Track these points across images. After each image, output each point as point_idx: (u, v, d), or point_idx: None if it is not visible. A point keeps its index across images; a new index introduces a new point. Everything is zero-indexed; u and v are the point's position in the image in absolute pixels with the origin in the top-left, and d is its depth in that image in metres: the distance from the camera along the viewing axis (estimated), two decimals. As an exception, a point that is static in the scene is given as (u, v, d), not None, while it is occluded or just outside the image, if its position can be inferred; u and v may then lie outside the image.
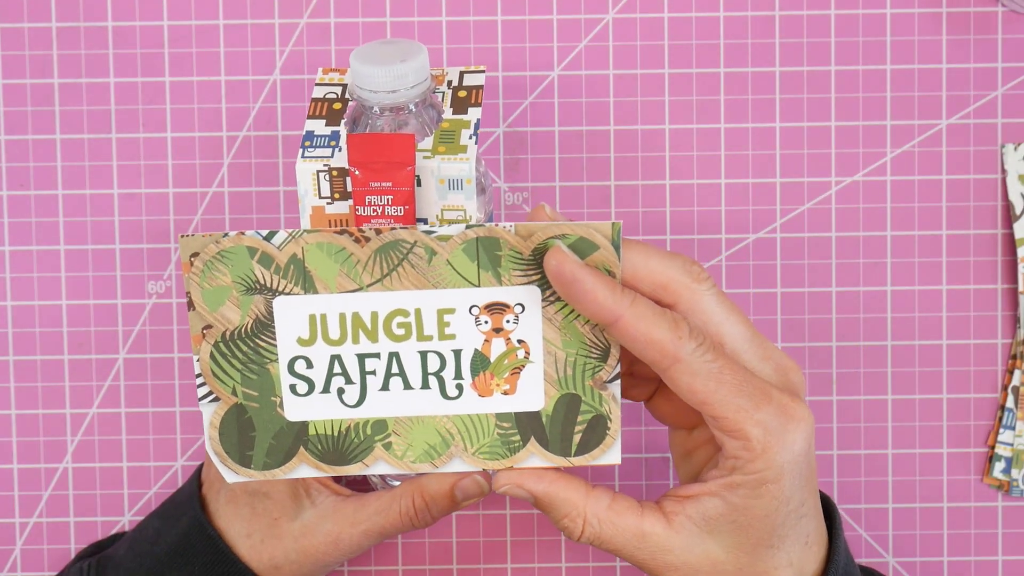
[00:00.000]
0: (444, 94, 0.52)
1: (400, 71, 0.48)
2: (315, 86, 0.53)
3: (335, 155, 0.50)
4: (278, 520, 0.53)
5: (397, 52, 0.49)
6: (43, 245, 0.60)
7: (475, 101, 0.52)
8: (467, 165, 0.49)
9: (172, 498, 0.57)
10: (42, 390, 0.60)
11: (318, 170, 0.50)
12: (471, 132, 0.50)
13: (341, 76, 0.53)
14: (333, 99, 0.52)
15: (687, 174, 0.60)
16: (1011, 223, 0.60)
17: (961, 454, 0.60)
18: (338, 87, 0.53)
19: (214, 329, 0.46)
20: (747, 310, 0.60)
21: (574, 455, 0.47)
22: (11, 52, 0.60)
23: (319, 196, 0.50)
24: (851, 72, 0.60)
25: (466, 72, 0.54)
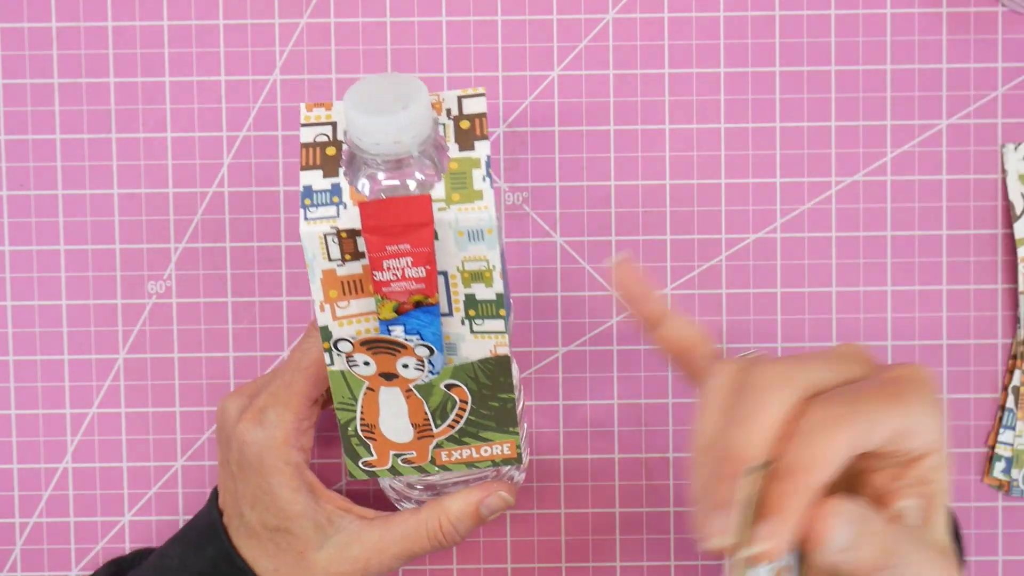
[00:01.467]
0: (446, 126, 0.48)
1: (402, 121, 0.44)
2: (302, 127, 0.48)
3: (340, 213, 0.46)
4: (304, 553, 0.53)
5: (395, 96, 0.45)
6: (43, 245, 0.60)
7: (481, 133, 0.47)
8: (487, 214, 0.45)
9: (193, 524, 0.56)
10: (42, 390, 0.60)
11: (325, 233, 0.46)
12: (483, 172, 0.46)
13: (327, 112, 0.48)
14: (325, 142, 0.47)
15: (687, 174, 0.60)
16: (1011, 223, 0.60)
17: (961, 454, 0.60)
18: (327, 126, 0.48)
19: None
20: (747, 310, 0.60)
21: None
22: (11, 52, 0.60)
23: (328, 259, 0.46)
24: (851, 72, 0.60)
25: (464, 97, 0.49)
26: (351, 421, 0.50)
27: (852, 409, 0.42)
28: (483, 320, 0.48)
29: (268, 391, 0.53)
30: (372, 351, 0.47)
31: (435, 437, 0.50)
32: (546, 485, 0.60)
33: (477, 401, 0.49)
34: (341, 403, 0.49)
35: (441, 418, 0.50)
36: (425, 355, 0.47)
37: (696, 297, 0.60)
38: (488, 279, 0.47)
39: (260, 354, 0.60)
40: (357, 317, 0.47)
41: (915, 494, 0.44)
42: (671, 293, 0.60)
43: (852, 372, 0.45)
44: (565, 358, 0.60)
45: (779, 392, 0.42)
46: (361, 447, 0.51)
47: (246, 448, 0.52)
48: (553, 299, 0.60)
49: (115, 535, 0.61)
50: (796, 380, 0.43)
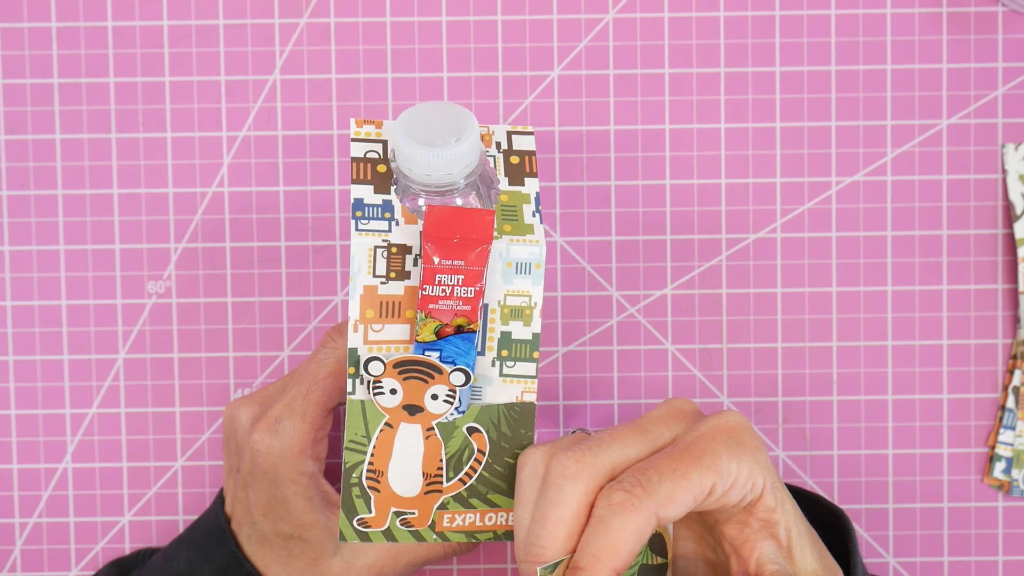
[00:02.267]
0: (495, 158, 0.48)
1: (453, 154, 0.44)
2: (352, 142, 0.48)
3: (392, 229, 0.45)
4: (317, 560, 0.52)
5: (448, 127, 0.45)
6: (43, 245, 0.60)
7: (531, 171, 0.48)
8: (538, 248, 0.46)
9: (199, 527, 0.56)
10: (42, 390, 0.60)
11: (376, 245, 0.45)
12: (533, 208, 0.47)
13: (378, 130, 0.49)
14: (376, 159, 0.48)
15: (687, 174, 0.60)
16: (1011, 223, 0.60)
17: (961, 454, 0.60)
18: (377, 144, 0.48)
19: None
20: (747, 310, 0.60)
21: None
22: (11, 52, 0.60)
23: (373, 275, 0.46)
24: (851, 72, 0.60)
25: (514, 133, 0.49)
26: (358, 466, 0.48)
27: (640, 491, 0.43)
28: (515, 363, 0.47)
29: (283, 401, 0.52)
30: (404, 375, 0.47)
31: (443, 493, 0.49)
32: (546, 485, 0.60)
33: (494, 455, 0.48)
34: (352, 442, 0.48)
35: (455, 469, 0.48)
36: (460, 383, 0.46)
37: (696, 297, 0.60)
38: (528, 317, 0.47)
39: (260, 354, 0.60)
40: (388, 344, 0.47)
41: (765, 536, 0.46)
42: (671, 293, 0.60)
43: (660, 438, 0.46)
44: (565, 358, 0.60)
45: (572, 484, 0.44)
46: (361, 500, 0.49)
47: (260, 457, 0.52)
48: (553, 299, 0.60)
49: (115, 535, 0.61)
50: (590, 468, 0.44)
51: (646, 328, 0.60)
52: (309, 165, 0.60)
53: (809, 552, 0.46)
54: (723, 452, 0.44)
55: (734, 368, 0.60)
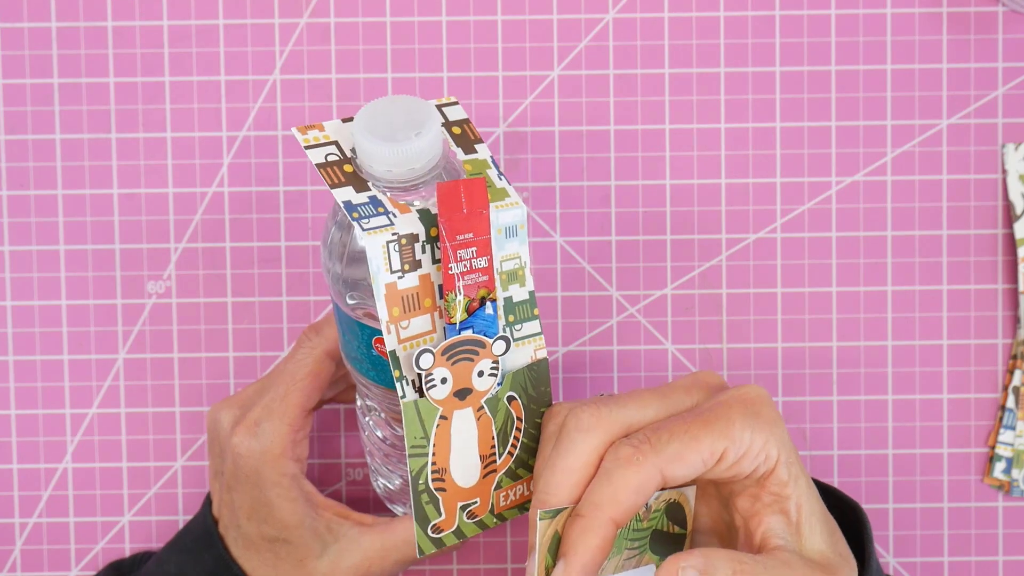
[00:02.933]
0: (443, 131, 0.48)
1: (417, 148, 0.44)
2: (306, 150, 0.47)
3: (393, 221, 0.45)
4: (303, 561, 0.52)
5: (407, 122, 0.45)
6: (43, 245, 0.60)
7: (475, 137, 0.48)
8: (520, 210, 0.46)
9: (188, 530, 0.56)
10: (42, 390, 0.60)
11: (388, 241, 0.45)
12: (496, 172, 0.47)
13: (323, 133, 0.47)
14: (338, 160, 0.47)
15: (687, 174, 0.60)
16: (1011, 223, 0.60)
17: (961, 454, 0.60)
18: (330, 145, 0.47)
19: None
20: (747, 310, 0.60)
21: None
22: (11, 52, 0.60)
23: (391, 271, 0.45)
24: (851, 72, 0.60)
25: (441, 106, 0.49)
26: (423, 470, 0.48)
27: (647, 448, 0.44)
28: (521, 324, 0.48)
29: (262, 403, 0.52)
30: (452, 360, 0.46)
31: (498, 471, 0.49)
32: (546, 485, 0.60)
33: (528, 419, 0.49)
34: (414, 447, 0.47)
35: (503, 444, 0.49)
36: (501, 352, 0.47)
37: (696, 297, 0.60)
38: (521, 277, 0.47)
39: (260, 354, 0.60)
40: (417, 339, 0.46)
41: (775, 511, 0.46)
42: (671, 293, 0.60)
43: (680, 404, 0.47)
44: (565, 358, 0.60)
45: (584, 436, 0.45)
46: (431, 506, 0.49)
47: (241, 461, 0.52)
48: (553, 299, 0.60)
49: (115, 535, 0.61)
50: (604, 423, 0.45)
51: (646, 328, 0.60)
52: (309, 165, 0.60)
53: (819, 532, 0.46)
54: (737, 420, 0.45)
55: (734, 368, 0.60)
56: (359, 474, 0.61)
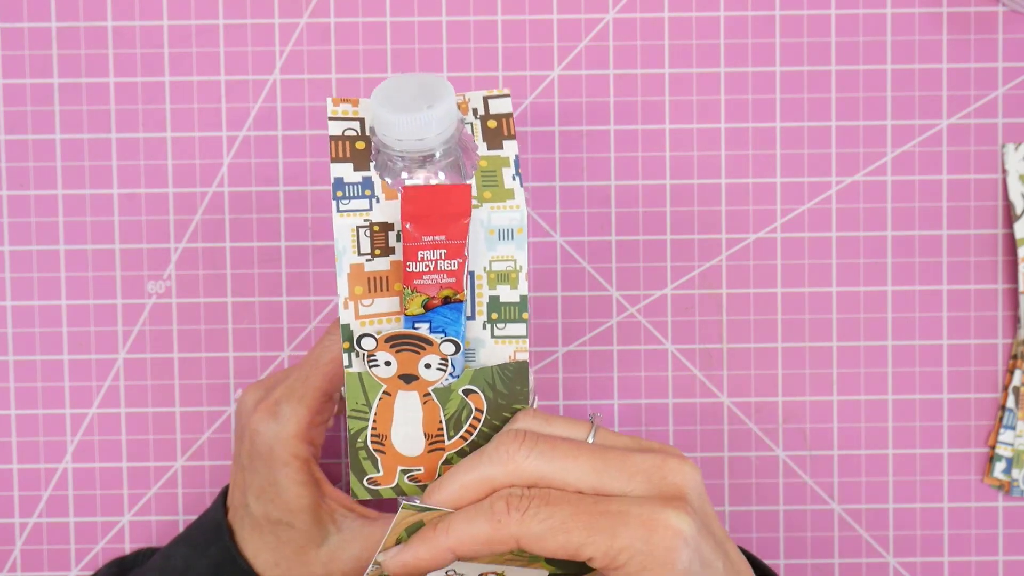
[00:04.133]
0: (472, 124, 0.48)
1: (427, 118, 0.45)
2: (329, 121, 0.48)
3: (373, 207, 0.46)
4: (304, 548, 0.53)
5: (422, 94, 0.45)
6: (43, 245, 0.60)
7: (508, 133, 0.48)
8: (519, 213, 0.46)
9: (199, 523, 0.56)
10: (42, 390, 0.60)
11: (358, 225, 0.46)
12: (513, 172, 0.47)
13: (355, 108, 0.49)
14: (354, 136, 0.48)
15: (687, 174, 0.60)
16: (1011, 223, 0.60)
17: (962, 454, 0.60)
18: (355, 121, 0.48)
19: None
20: (747, 310, 0.60)
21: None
22: (11, 52, 0.60)
23: (358, 253, 0.46)
24: (851, 72, 0.60)
25: (490, 97, 0.49)
26: (362, 431, 0.49)
27: (517, 517, 0.43)
28: (505, 324, 0.48)
29: (285, 384, 0.53)
30: (396, 348, 0.47)
31: (446, 450, 0.50)
32: (546, 485, 0.60)
33: (492, 411, 0.49)
34: (354, 410, 0.49)
35: (455, 428, 0.49)
36: (450, 352, 0.47)
37: (696, 297, 0.60)
38: (514, 280, 0.47)
39: (260, 354, 0.60)
40: (380, 317, 0.47)
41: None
42: (671, 293, 0.60)
43: (612, 484, 0.45)
44: (565, 358, 0.60)
45: (491, 465, 0.45)
46: (368, 462, 0.50)
47: (257, 438, 0.52)
48: (553, 299, 0.60)
49: (115, 535, 0.61)
50: (517, 464, 0.45)
51: (646, 328, 0.60)
52: (309, 165, 0.60)
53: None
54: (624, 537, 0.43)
55: (734, 368, 0.60)
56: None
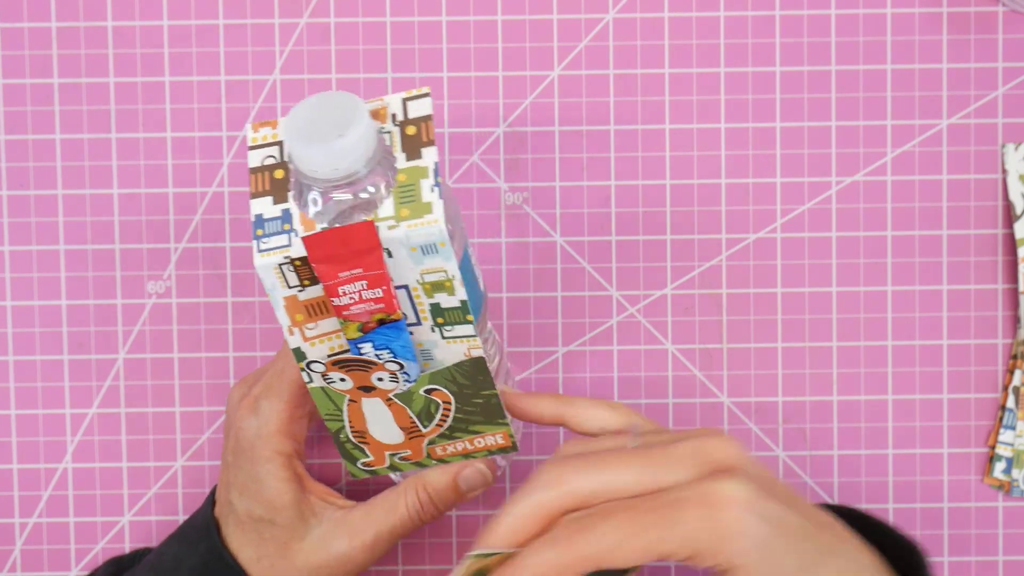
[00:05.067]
0: (391, 134, 0.46)
1: (338, 149, 0.43)
2: (249, 151, 0.46)
3: (292, 241, 0.44)
4: (287, 543, 0.53)
5: (334, 119, 0.43)
6: (43, 245, 0.60)
7: (427, 139, 0.45)
8: (436, 228, 0.44)
9: (191, 521, 0.56)
10: (42, 390, 0.60)
11: (279, 263, 0.44)
12: (431, 182, 0.45)
13: (274, 131, 0.47)
14: (273, 164, 0.46)
15: (687, 174, 0.60)
16: (1011, 223, 0.60)
17: (962, 454, 0.60)
18: (274, 147, 0.46)
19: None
20: (747, 310, 0.60)
21: None
22: (11, 52, 0.60)
23: (287, 287, 0.45)
24: (851, 72, 0.60)
25: (409, 99, 0.47)
26: (341, 430, 0.50)
27: (584, 536, 0.42)
28: (452, 326, 0.47)
29: (262, 381, 0.53)
30: (345, 369, 0.47)
31: (425, 436, 0.50)
32: (546, 485, 0.60)
33: (460, 400, 0.49)
34: (328, 415, 0.49)
35: (427, 419, 0.50)
36: (396, 369, 0.47)
37: (696, 297, 0.60)
38: (450, 288, 0.46)
39: (260, 354, 0.60)
40: (328, 335, 0.47)
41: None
42: (671, 293, 0.60)
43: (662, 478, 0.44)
44: (565, 358, 0.60)
45: (542, 493, 0.44)
46: (357, 450, 0.51)
47: (241, 435, 0.52)
48: (553, 299, 0.60)
49: (115, 535, 0.61)
50: (567, 485, 0.44)
51: (646, 328, 0.60)
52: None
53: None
54: (692, 524, 0.42)
55: (734, 368, 0.60)
56: (359, 474, 0.61)
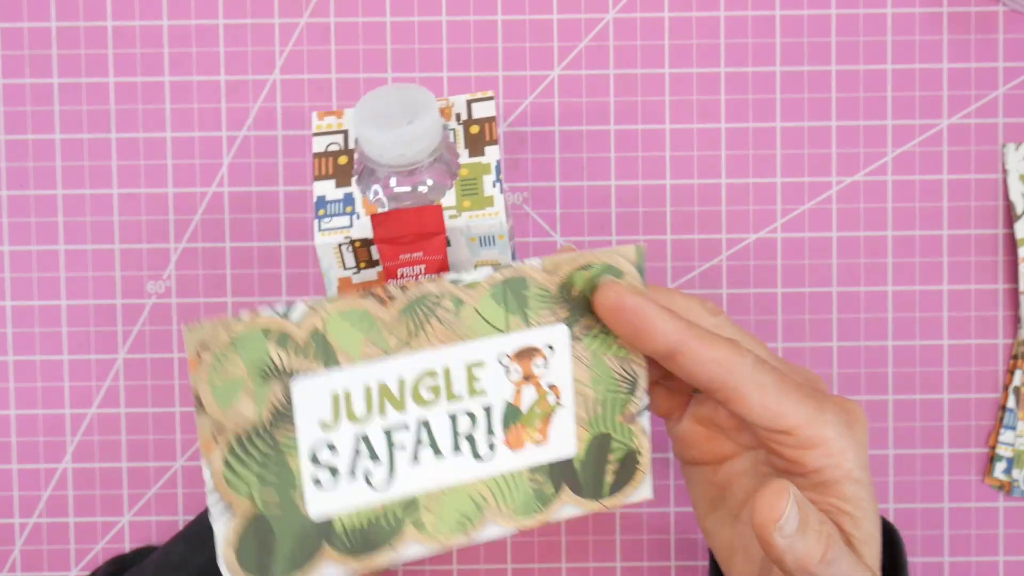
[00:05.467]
0: (455, 131, 0.49)
1: (410, 134, 0.45)
2: (313, 137, 0.49)
3: (354, 224, 0.46)
4: None
5: (404, 108, 0.46)
6: (43, 245, 0.60)
7: (491, 138, 0.49)
8: (497, 220, 0.46)
9: (197, 520, 0.56)
10: (42, 390, 0.60)
11: (339, 243, 0.47)
12: (494, 178, 0.47)
13: (338, 120, 0.50)
14: (337, 151, 0.49)
15: (687, 174, 0.60)
16: (1012, 223, 0.60)
17: (962, 454, 0.60)
18: (339, 135, 0.49)
19: (227, 431, 0.40)
20: (747, 310, 0.60)
21: (607, 496, 0.44)
22: (11, 52, 0.60)
23: (344, 268, 0.47)
24: (851, 72, 0.60)
25: (473, 101, 0.50)
26: None
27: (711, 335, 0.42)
28: None
29: None
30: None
31: None
32: (546, 485, 0.61)
33: None
34: None
35: None
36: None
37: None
38: None
39: (260, 354, 0.60)
40: None
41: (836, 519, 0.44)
42: (671, 293, 0.60)
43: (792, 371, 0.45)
44: (565, 358, 0.60)
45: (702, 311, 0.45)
46: None
47: None
48: (553, 299, 0.60)
49: (115, 535, 0.61)
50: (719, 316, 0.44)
51: (646, 328, 0.60)
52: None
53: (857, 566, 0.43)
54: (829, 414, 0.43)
55: (734, 368, 0.60)
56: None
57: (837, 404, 0.44)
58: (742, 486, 0.47)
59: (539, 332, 0.42)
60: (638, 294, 0.42)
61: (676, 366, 0.42)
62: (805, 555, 0.40)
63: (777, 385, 0.42)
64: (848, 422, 0.43)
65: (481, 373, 0.42)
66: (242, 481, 0.40)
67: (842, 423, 0.43)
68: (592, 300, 0.43)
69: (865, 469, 0.43)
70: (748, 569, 0.46)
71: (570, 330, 0.43)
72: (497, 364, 0.42)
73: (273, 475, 0.40)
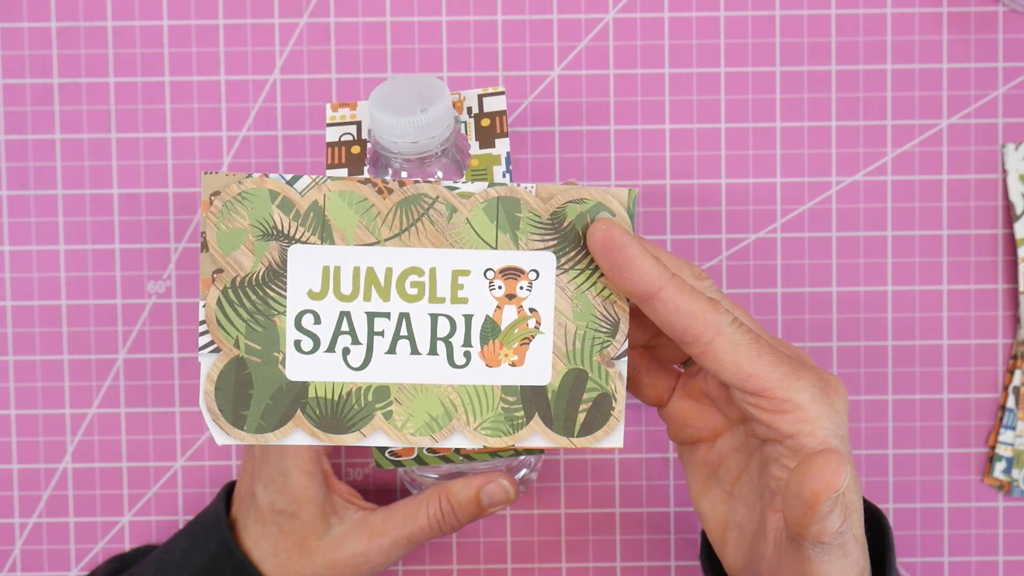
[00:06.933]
0: (466, 124, 0.50)
1: (422, 121, 0.46)
2: (327, 127, 0.51)
3: None
4: (306, 538, 0.53)
5: (418, 97, 0.47)
6: (43, 245, 0.60)
7: (501, 131, 0.50)
8: None
9: (199, 518, 0.56)
10: (42, 390, 0.60)
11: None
12: (504, 169, 0.48)
13: (352, 112, 0.51)
14: (350, 141, 0.50)
15: (687, 174, 0.60)
16: (1011, 223, 0.60)
17: (962, 454, 0.60)
18: (352, 125, 0.51)
19: (225, 274, 0.43)
20: (747, 310, 0.60)
21: (577, 435, 0.45)
22: (11, 52, 0.60)
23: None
24: (851, 72, 0.60)
25: (485, 96, 0.51)
26: None
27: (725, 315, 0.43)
28: None
29: None
30: None
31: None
32: (546, 485, 0.60)
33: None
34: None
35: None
36: None
37: (696, 297, 0.60)
38: None
39: (260, 354, 0.60)
40: None
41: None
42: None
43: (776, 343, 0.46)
44: (565, 358, 0.60)
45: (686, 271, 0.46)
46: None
47: None
48: (553, 299, 0.60)
49: (115, 535, 0.61)
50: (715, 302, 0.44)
51: (646, 328, 0.60)
52: (309, 165, 0.60)
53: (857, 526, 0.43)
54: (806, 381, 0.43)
55: (734, 368, 0.60)
56: (359, 474, 0.61)
57: (815, 373, 0.44)
58: (736, 462, 0.47)
59: (527, 255, 0.44)
60: (628, 234, 0.43)
61: (653, 311, 0.43)
62: (831, 524, 0.40)
63: (752, 345, 0.43)
64: (824, 390, 0.43)
65: (466, 281, 0.44)
66: (232, 326, 0.44)
67: (818, 389, 0.43)
68: (585, 234, 0.44)
69: (844, 440, 0.43)
70: (740, 546, 0.46)
71: (557, 259, 0.44)
72: (482, 276, 0.44)
73: (260, 328, 0.44)
